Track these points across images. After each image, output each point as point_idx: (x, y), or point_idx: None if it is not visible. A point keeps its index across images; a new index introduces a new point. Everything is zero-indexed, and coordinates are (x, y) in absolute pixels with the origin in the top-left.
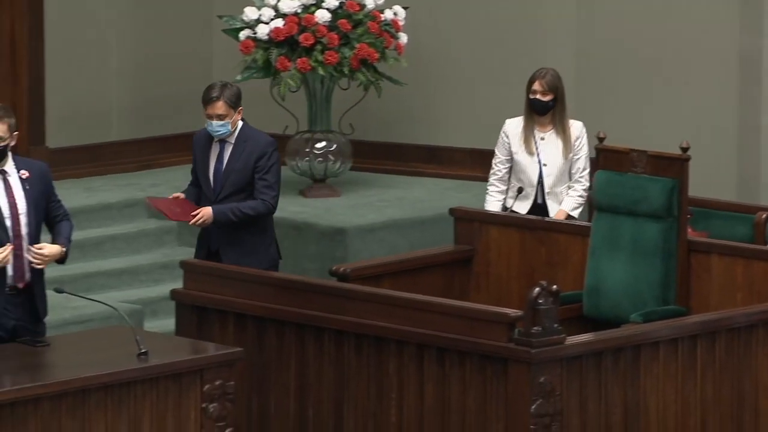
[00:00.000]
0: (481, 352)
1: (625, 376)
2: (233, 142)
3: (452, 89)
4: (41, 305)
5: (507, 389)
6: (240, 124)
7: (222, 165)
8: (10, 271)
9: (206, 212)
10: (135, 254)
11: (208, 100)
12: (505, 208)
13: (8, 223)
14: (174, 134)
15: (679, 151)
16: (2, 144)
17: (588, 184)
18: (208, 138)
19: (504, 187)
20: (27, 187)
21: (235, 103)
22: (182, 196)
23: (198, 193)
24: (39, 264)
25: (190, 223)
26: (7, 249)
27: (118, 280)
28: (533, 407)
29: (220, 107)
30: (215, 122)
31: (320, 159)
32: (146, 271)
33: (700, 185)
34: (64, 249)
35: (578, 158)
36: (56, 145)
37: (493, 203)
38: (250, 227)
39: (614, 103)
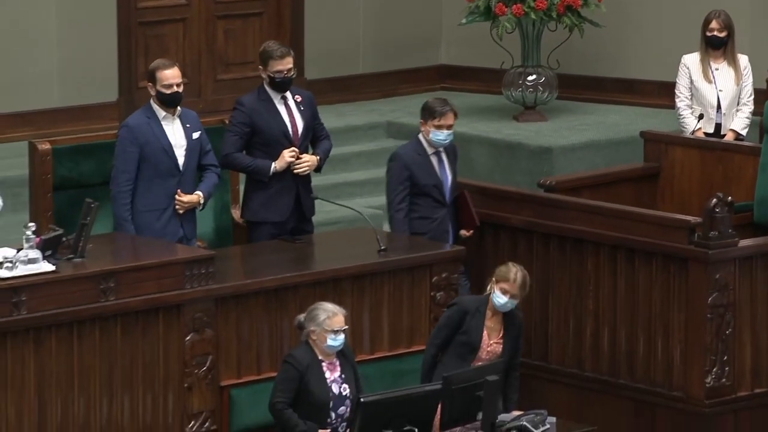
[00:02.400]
0: (665, 253)
1: None
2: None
3: (643, 30)
4: (307, 207)
5: (687, 284)
6: None
7: (446, 173)
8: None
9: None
10: (376, 168)
11: (441, 113)
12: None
13: (291, 138)
14: (410, 68)
15: None
16: (292, 73)
17: (753, 107)
18: (419, 154)
19: (692, 109)
20: (302, 109)
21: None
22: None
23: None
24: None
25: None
26: (296, 151)
27: (362, 189)
28: (710, 299)
29: (452, 117)
30: (446, 132)
31: (531, 89)
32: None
33: None
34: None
35: (746, 85)
36: (313, 77)
37: (692, 121)
38: None
39: None
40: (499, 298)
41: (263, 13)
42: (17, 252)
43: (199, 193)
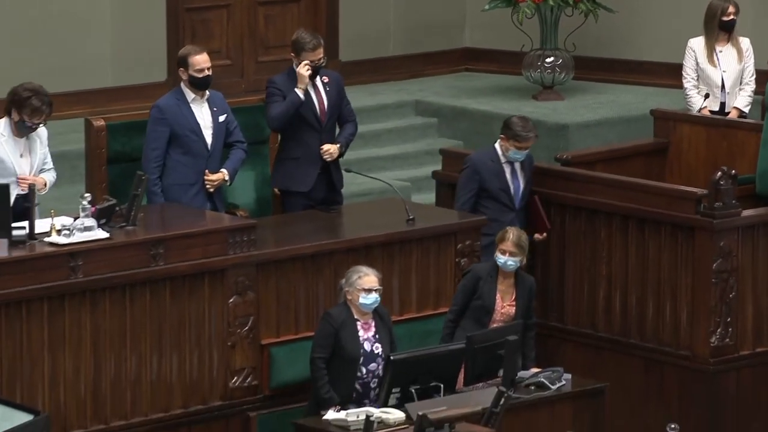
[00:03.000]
0: (673, 222)
1: None
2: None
3: (653, 15)
4: (338, 179)
5: (694, 251)
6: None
7: (518, 180)
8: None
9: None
10: (405, 143)
11: (525, 138)
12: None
13: (318, 116)
14: (436, 51)
15: None
16: (322, 62)
17: (755, 86)
18: (492, 160)
19: (698, 89)
20: (328, 89)
21: None
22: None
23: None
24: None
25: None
26: (308, 63)
27: (392, 163)
28: (714, 265)
29: (533, 140)
30: (524, 152)
31: (549, 70)
32: (413, 156)
33: None
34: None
35: (748, 66)
36: (347, 59)
37: (698, 100)
38: None
39: None
40: (499, 259)
41: (301, 0)
42: (74, 220)
43: (224, 170)
